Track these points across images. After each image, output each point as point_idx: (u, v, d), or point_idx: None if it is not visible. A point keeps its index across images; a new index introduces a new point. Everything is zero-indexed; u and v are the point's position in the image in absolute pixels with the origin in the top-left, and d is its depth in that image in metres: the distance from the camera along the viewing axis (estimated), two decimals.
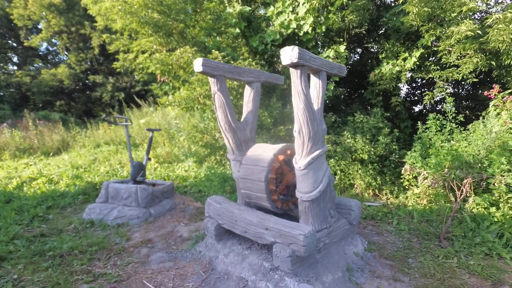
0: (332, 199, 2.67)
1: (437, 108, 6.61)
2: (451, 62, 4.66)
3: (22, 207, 4.18)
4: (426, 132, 4.85)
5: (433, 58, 5.37)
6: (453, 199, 3.90)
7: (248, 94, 3.16)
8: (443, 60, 4.73)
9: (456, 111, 4.70)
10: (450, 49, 4.50)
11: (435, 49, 4.88)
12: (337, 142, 5.20)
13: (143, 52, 6.00)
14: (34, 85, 17.69)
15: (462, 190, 3.73)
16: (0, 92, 18.52)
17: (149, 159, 4.39)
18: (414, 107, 7.10)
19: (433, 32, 4.70)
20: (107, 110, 16.78)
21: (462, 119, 4.71)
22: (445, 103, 5.01)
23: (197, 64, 2.64)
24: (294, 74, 2.29)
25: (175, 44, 5.44)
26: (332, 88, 5.40)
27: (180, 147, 7.87)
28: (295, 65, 2.21)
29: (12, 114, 15.99)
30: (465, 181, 3.76)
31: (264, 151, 2.75)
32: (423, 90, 6.81)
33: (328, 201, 2.59)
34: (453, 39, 4.25)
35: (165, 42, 5.44)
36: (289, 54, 2.11)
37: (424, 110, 6.91)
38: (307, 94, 2.31)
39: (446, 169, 4.16)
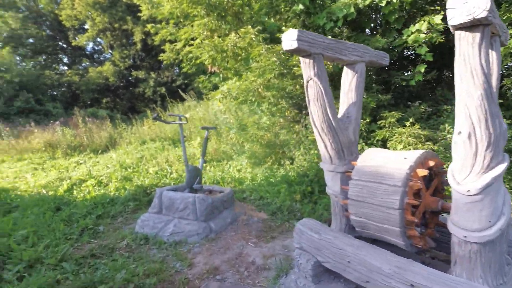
0: (508, 237, 1.72)
1: None
2: None
3: (71, 217, 3.77)
4: None
5: None
6: None
7: (350, 79, 2.29)
8: None
9: None
10: None
11: None
12: (433, 138, 4.12)
13: (192, 39, 5.35)
14: (82, 83, 18.38)
15: None
16: (54, 92, 19.56)
17: (205, 161, 3.71)
18: None
19: None
20: (151, 106, 16.89)
21: None
22: None
23: (289, 38, 1.83)
24: (466, 39, 1.38)
25: (228, 27, 4.70)
26: (423, 70, 4.30)
27: (230, 143, 7.23)
28: (472, 24, 1.31)
29: (64, 112, 16.76)
30: None
31: (390, 161, 1.87)
32: None
33: (505, 241, 1.65)
34: None
35: (217, 27, 4.72)
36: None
37: None
38: (487, 73, 1.39)
39: None
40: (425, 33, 4.09)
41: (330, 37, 4.58)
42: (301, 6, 4.66)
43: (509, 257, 1.76)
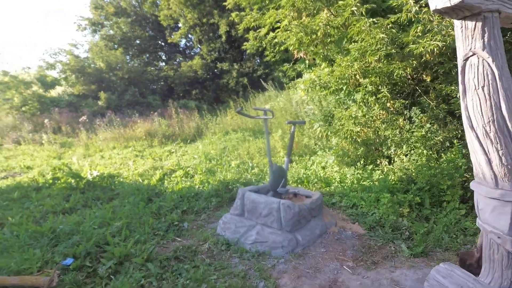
0: None
1: None
2: None
3: (160, 210, 3.87)
4: None
5: None
6: None
7: None
8: None
9: None
10: None
11: None
12: None
13: (277, 22, 4.88)
14: (176, 77, 20.22)
15: None
16: (154, 86, 22.14)
17: (291, 161, 3.24)
18: None
19: None
20: (233, 97, 17.45)
21: None
22: None
23: None
24: None
25: (319, 4, 4.03)
26: None
27: (313, 137, 6.61)
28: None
29: (161, 104, 18.82)
30: None
31: None
32: None
33: None
34: None
35: (306, 5, 4.09)
36: None
37: None
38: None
39: None
40: None
41: None
42: None
43: None
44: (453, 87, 3.32)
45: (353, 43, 3.47)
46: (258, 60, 21.07)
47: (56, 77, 17.58)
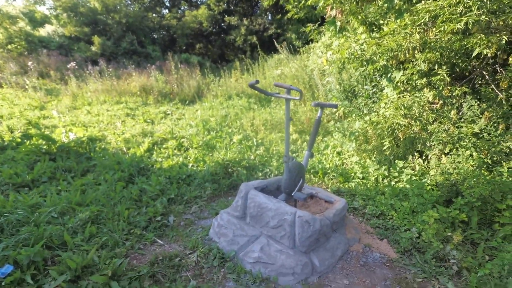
0: None
1: None
2: None
3: (141, 196, 3.14)
4: None
5: None
6: None
7: None
8: None
9: None
10: None
11: None
12: None
13: None
14: (178, 27, 18.48)
15: None
16: (154, 35, 20.38)
17: (312, 155, 2.43)
18: None
19: None
20: (240, 56, 16.01)
21: None
22: None
23: None
24: None
25: None
26: None
27: (331, 116, 5.73)
28: None
29: (161, 56, 17.38)
30: None
31: None
32: None
33: None
34: None
35: None
36: None
37: None
38: None
39: None
40: None
41: None
42: None
43: None
44: None
45: (423, 1, 2.45)
46: (270, 17, 19.18)
47: (47, 14, 15.89)
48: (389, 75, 3.91)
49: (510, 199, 2.69)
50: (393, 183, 3.54)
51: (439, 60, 3.08)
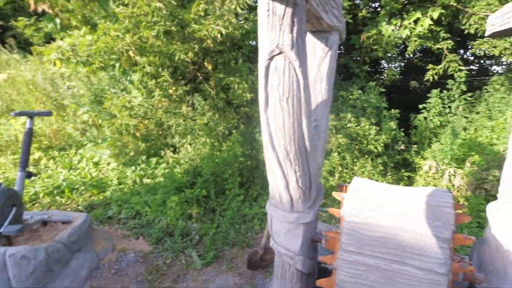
0: None
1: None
2: (477, 32, 3.74)
3: None
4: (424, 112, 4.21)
5: (453, 21, 4.29)
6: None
7: (320, 58, 1.32)
8: (470, 26, 3.76)
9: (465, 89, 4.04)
10: (487, 13, 3.52)
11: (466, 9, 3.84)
12: (338, 128, 3.84)
13: None
14: None
15: None
16: None
17: (30, 175, 2.03)
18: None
19: None
20: None
21: (469, 98, 4.09)
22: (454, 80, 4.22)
23: None
24: None
25: None
26: None
27: (80, 124, 5.09)
28: None
29: None
30: None
31: (407, 217, 1.08)
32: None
33: None
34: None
35: None
36: None
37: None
38: None
39: (470, 166, 3.40)
40: None
41: None
42: None
43: None
44: (232, 78, 3.34)
45: (121, 7, 2.58)
46: None
47: None
48: (128, 77, 3.97)
49: (229, 169, 3.56)
50: (149, 181, 3.68)
51: (164, 64, 3.46)
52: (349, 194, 1.32)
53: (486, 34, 1.54)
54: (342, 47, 5.42)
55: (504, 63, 5.67)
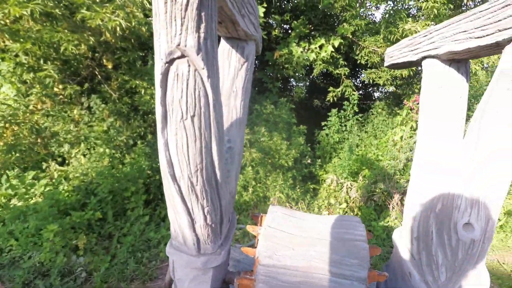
0: None
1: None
2: (367, 63, 4.36)
3: None
4: (326, 129, 4.69)
5: (349, 51, 4.90)
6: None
7: (235, 70, 1.18)
8: (361, 57, 4.35)
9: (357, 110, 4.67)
10: (377, 49, 4.14)
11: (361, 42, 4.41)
12: (252, 141, 3.83)
13: None
14: None
15: (393, 208, 3.53)
16: None
17: None
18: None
19: (357, 23, 4.16)
20: None
21: (360, 118, 4.73)
22: (349, 101, 4.81)
23: None
24: None
25: None
26: None
27: None
28: None
29: None
30: (395, 197, 3.57)
31: (325, 254, 1.02)
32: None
33: None
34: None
35: None
36: None
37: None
38: None
39: (362, 180, 3.89)
40: None
41: None
42: None
43: None
44: (138, 82, 2.92)
45: None
46: None
47: None
48: None
49: (132, 185, 3.09)
50: (19, 203, 2.86)
51: (48, 55, 2.77)
52: (263, 230, 1.22)
53: (385, 64, 1.71)
54: (257, 61, 5.58)
55: (384, 90, 6.87)
